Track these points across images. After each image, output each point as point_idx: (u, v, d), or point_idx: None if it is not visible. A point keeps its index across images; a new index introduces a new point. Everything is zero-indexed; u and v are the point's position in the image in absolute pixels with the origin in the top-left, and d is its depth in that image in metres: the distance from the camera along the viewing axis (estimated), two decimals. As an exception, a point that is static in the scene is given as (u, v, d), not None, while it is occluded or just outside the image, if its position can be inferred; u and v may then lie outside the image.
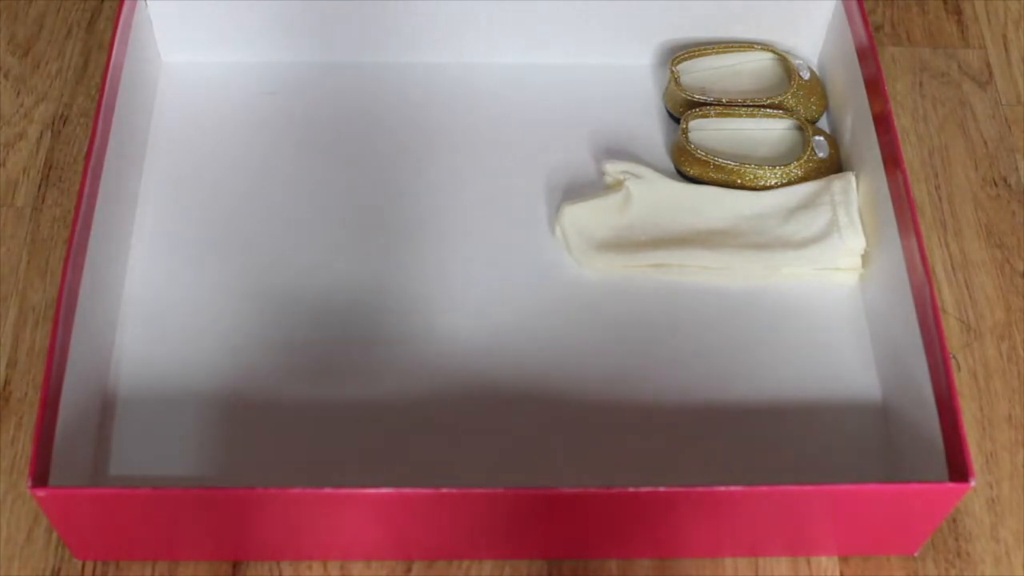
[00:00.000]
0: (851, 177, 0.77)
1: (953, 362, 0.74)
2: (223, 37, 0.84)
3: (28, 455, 0.69)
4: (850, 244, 0.75)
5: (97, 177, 0.69)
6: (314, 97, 0.84)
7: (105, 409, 0.70)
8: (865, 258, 0.75)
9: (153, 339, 0.72)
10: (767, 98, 0.81)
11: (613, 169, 0.79)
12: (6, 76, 0.85)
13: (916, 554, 0.67)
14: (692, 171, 0.79)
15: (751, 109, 0.81)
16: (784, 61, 0.84)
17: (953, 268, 0.78)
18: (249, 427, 0.69)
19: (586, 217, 0.77)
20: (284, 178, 0.80)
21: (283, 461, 0.68)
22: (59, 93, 0.84)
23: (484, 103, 0.84)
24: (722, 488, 0.59)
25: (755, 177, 0.79)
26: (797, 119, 0.81)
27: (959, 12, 0.91)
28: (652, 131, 0.83)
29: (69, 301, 0.64)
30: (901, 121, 0.84)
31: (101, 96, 0.71)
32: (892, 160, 0.71)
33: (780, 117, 0.81)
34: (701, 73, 0.84)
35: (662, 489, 0.59)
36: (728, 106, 0.81)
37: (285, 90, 0.85)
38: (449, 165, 0.81)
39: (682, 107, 0.82)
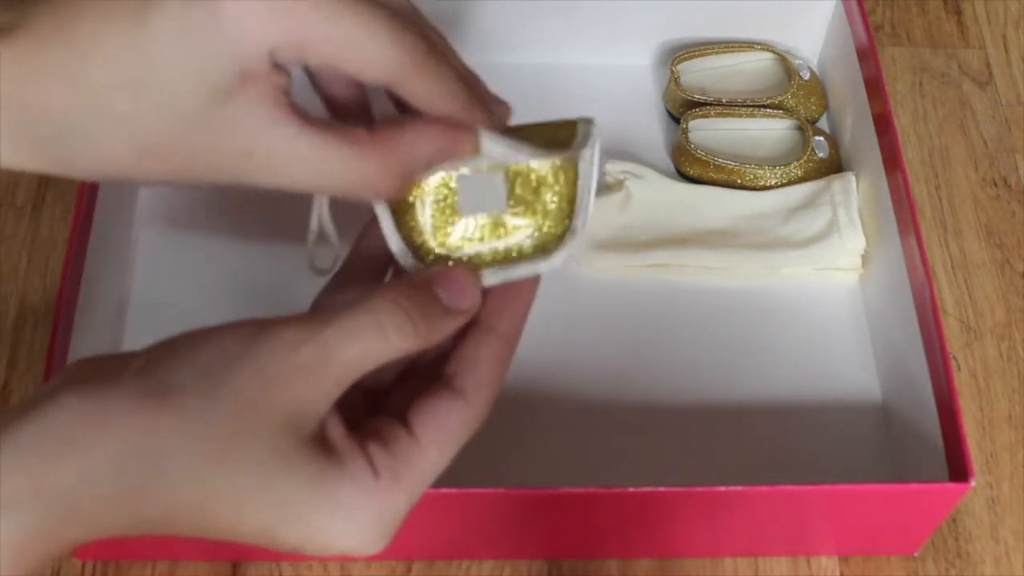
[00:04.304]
0: (851, 177, 0.77)
1: (953, 362, 0.74)
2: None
3: (28, 455, 0.69)
4: (850, 244, 0.75)
5: (97, 177, 0.69)
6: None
7: (105, 409, 0.69)
8: (865, 258, 0.75)
9: (154, 339, 0.72)
10: (767, 98, 0.81)
11: (613, 169, 0.79)
12: (6, 76, 0.85)
13: (916, 554, 0.67)
14: (692, 171, 0.79)
15: (751, 109, 0.81)
16: (784, 61, 0.84)
17: (953, 268, 0.78)
18: (249, 427, 0.69)
19: (586, 217, 0.77)
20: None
21: (283, 461, 0.68)
22: (59, 93, 0.84)
23: (484, 103, 0.84)
24: (722, 488, 0.59)
25: (755, 177, 0.79)
26: (797, 119, 0.81)
27: (959, 12, 0.91)
28: (652, 131, 0.83)
29: (69, 301, 0.64)
30: (901, 121, 0.84)
31: (101, 96, 0.71)
32: (892, 160, 0.71)
33: (780, 117, 0.81)
34: (701, 73, 0.84)
35: (662, 489, 0.59)
36: (728, 106, 0.81)
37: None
38: (449, 165, 0.81)
39: (682, 107, 0.82)
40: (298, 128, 0.39)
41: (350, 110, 0.45)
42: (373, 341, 0.39)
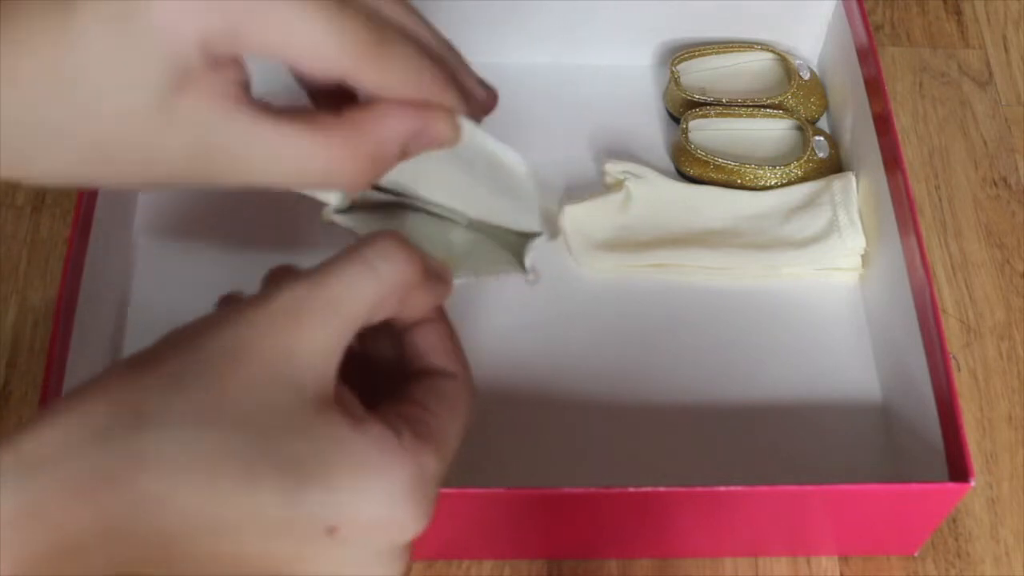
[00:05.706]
0: (851, 177, 0.77)
1: (953, 362, 0.74)
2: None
3: (28, 455, 0.69)
4: (850, 244, 0.75)
5: (97, 177, 0.69)
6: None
7: (105, 409, 0.69)
8: (865, 258, 0.75)
9: (154, 339, 0.72)
10: (767, 98, 0.81)
11: (613, 169, 0.79)
12: (6, 76, 0.85)
13: (916, 554, 0.67)
14: (692, 171, 0.79)
15: (751, 109, 0.81)
16: (784, 61, 0.84)
17: (953, 268, 0.78)
18: (249, 427, 0.69)
19: (586, 217, 0.77)
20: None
21: (283, 461, 0.68)
22: (59, 93, 0.84)
23: (484, 103, 0.84)
24: (722, 488, 0.59)
25: (755, 177, 0.79)
26: (797, 119, 0.81)
27: (959, 12, 0.91)
28: (652, 131, 0.83)
29: (69, 301, 0.64)
30: (901, 121, 0.84)
31: (101, 96, 0.71)
32: (892, 160, 0.71)
33: (780, 117, 0.81)
34: (701, 73, 0.84)
35: (662, 489, 0.59)
36: (728, 106, 0.81)
37: (287, 90, 0.84)
38: (449, 165, 0.81)
39: (682, 107, 0.82)
40: (253, 119, 0.37)
41: (335, 100, 0.43)
42: (360, 273, 0.38)
